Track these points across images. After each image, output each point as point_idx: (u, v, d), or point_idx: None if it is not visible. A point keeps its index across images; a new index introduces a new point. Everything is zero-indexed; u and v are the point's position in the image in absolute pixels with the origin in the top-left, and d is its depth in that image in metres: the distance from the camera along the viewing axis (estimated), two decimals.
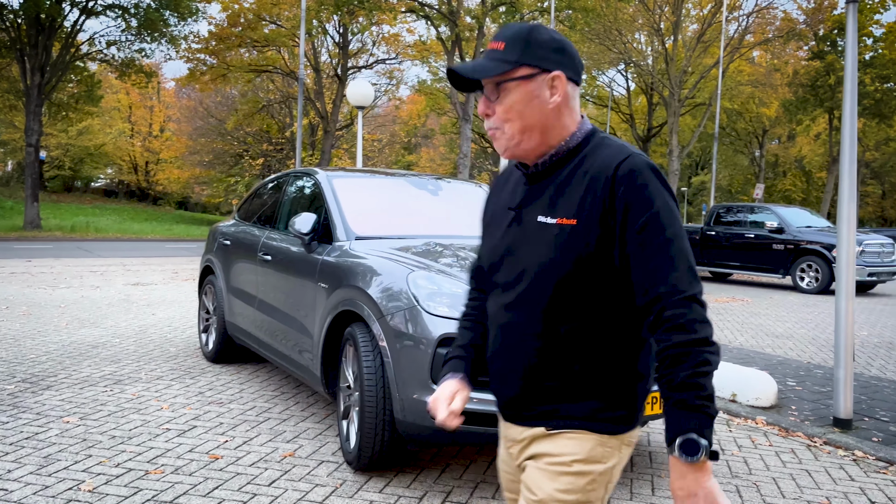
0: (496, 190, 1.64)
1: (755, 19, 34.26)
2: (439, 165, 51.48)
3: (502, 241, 1.51)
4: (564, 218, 1.38)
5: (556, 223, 1.39)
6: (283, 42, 27.30)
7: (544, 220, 1.41)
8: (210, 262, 6.06)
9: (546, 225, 1.41)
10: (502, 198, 1.58)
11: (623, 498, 3.42)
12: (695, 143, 38.27)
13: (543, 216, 1.42)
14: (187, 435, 4.08)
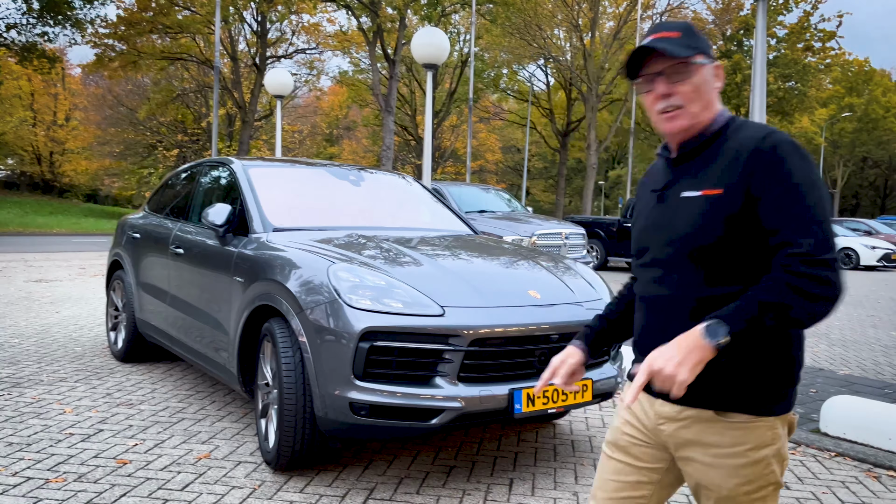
0: (643, 189, 1.74)
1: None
2: (362, 157, 50.98)
3: (647, 222, 1.63)
4: (709, 189, 1.49)
5: (700, 195, 1.50)
6: (197, 29, 26.34)
7: (689, 195, 1.53)
8: (118, 257, 5.74)
9: (691, 198, 1.52)
10: (649, 182, 1.71)
11: (547, 487, 3.43)
12: (612, 138, 39.30)
13: (688, 191, 1.53)
14: (92, 440, 3.84)
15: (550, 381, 1.75)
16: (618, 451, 1.69)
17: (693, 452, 1.53)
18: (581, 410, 4.74)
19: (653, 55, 1.56)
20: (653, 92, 1.57)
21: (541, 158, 58.81)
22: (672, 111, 1.55)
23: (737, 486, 1.48)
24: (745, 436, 1.47)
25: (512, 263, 3.94)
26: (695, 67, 1.54)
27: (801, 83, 36.50)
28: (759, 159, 1.44)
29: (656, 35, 1.56)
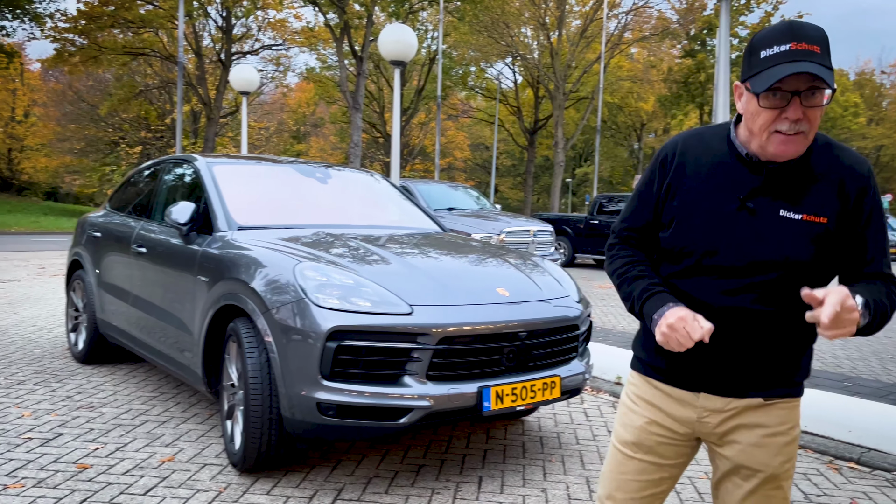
0: (688, 165, 1.63)
1: (633, 17, 35.75)
2: (330, 155, 50.63)
3: (728, 226, 1.56)
4: (813, 215, 1.52)
5: (801, 219, 1.52)
6: (160, 24, 25.89)
7: (789, 216, 1.52)
8: (78, 256, 5.61)
9: (791, 220, 1.52)
10: (709, 177, 1.59)
11: (516, 484, 3.43)
12: (578, 135, 39.62)
13: (787, 211, 1.52)
14: (52, 444, 3.75)
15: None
16: (642, 451, 1.72)
17: (738, 436, 1.63)
18: (549, 407, 4.76)
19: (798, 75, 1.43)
20: (781, 111, 1.47)
21: (509, 156, 59.02)
22: (794, 136, 1.47)
23: (781, 463, 1.62)
24: (789, 415, 1.64)
25: (480, 261, 3.93)
26: (826, 94, 1.47)
27: None
28: (864, 198, 1.54)
29: (798, 45, 1.42)
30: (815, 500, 3.38)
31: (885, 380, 5.78)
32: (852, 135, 52.73)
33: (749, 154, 1.56)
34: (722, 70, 4.82)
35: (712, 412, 1.64)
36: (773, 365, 1.60)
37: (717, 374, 1.61)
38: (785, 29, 1.46)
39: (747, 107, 1.53)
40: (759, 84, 1.46)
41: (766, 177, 1.54)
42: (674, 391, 1.68)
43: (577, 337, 3.66)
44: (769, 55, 1.45)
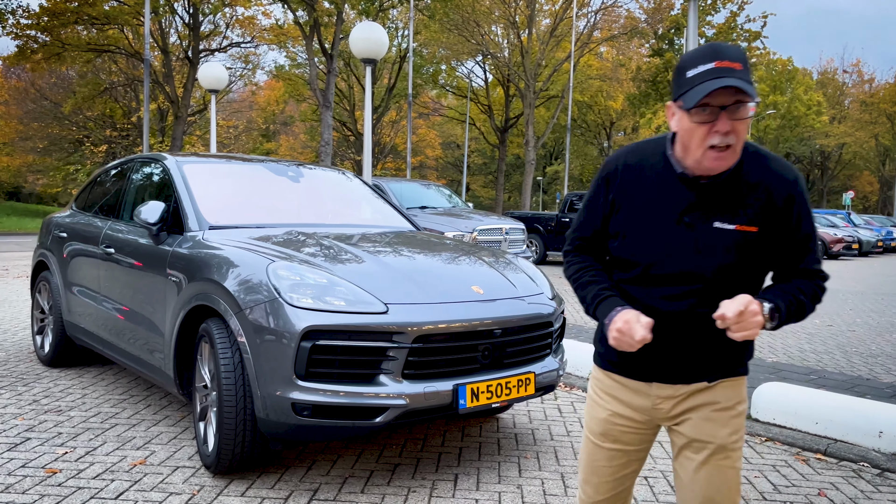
0: (629, 182, 1.75)
1: (602, 16, 36.05)
2: (300, 153, 50.25)
3: (669, 239, 1.68)
4: (745, 225, 1.64)
5: (734, 229, 1.64)
6: (125, 20, 25.44)
7: (722, 227, 1.64)
8: (44, 257, 5.50)
9: (725, 231, 1.64)
10: (649, 195, 1.71)
11: (491, 481, 3.44)
12: (549, 134, 39.85)
13: (721, 223, 1.65)
14: (19, 449, 3.67)
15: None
16: (609, 440, 1.89)
17: (690, 414, 1.78)
18: (524, 404, 4.78)
19: (724, 89, 1.53)
20: (711, 125, 1.56)
21: (480, 154, 59.15)
22: (724, 150, 1.58)
23: (728, 434, 1.76)
24: (734, 392, 1.79)
25: (454, 259, 3.94)
26: (751, 107, 1.56)
27: None
28: (792, 205, 1.66)
29: (721, 63, 1.53)
30: (784, 491, 3.45)
31: (849, 373, 5.92)
32: (816, 133, 53.83)
33: (684, 172, 1.67)
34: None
35: (664, 399, 1.80)
36: (716, 357, 1.76)
37: (665, 366, 1.77)
38: (708, 50, 1.57)
39: (680, 125, 1.62)
40: (689, 100, 1.55)
41: (700, 193, 1.66)
42: (629, 382, 1.83)
43: (551, 334, 3.68)
44: (696, 74, 1.55)
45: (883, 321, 9.03)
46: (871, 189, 64.00)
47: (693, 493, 1.80)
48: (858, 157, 58.75)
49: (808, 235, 1.70)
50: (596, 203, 1.84)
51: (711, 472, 1.76)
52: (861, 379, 5.64)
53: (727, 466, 1.77)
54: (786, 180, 1.67)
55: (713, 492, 1.77)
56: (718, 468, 1.76)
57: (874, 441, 3.94)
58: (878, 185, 62.53)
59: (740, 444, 1.78)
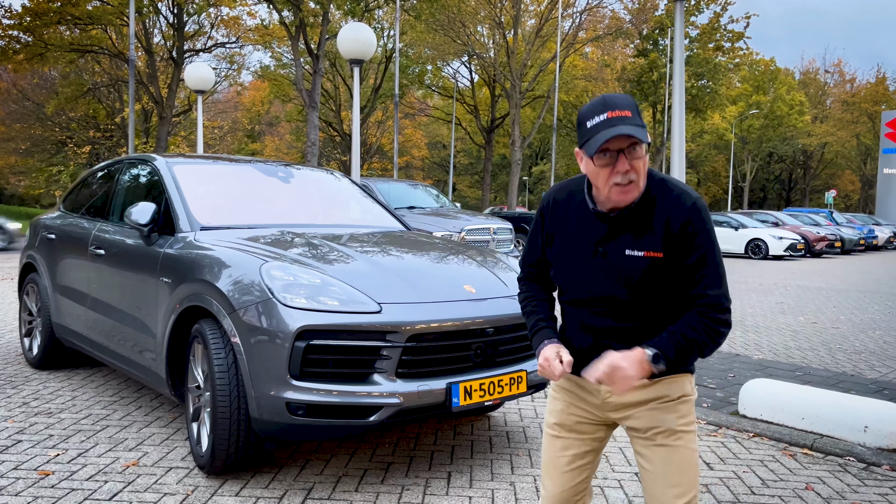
0: (558, 217, 1.98)
1: (587, 17, 36.20)
2: (286, 153, 50.09)
3: (588, 267, 1.89)
4: (651, 251, 1.82)
5: (643, 255, 1.82)
6: (109, 20, 25.23)
7: (633, 254, 1.83)
8: (32, 259, 5.46)
9: (636, 257, 1.83)
10: (573, 228, 1.94)
11: (484, 479, 3.47)
12: (534, 134, 39.97)
13: (631, 250, 1.83)
14: (11, 451, 3.65)
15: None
16: (565, 430, 2.05)
17: (640, 408, 1.93)
18: (514, 403, 4.82)
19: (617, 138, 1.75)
20: (612, 167, 1.78)
21: (466, 154, 59.23)
22: (628, 185, 1.79)
23: (675, 419, 1.92)
24: (675, 386, 1.93)
25: (446, 259, 3.97)
26: (644, 148, 1.79)
27: (713, 82, 38.05)
28: (687, 230, 1.81)
29: (613, 114, 1.76)
30: (772, 485, 3.51)
31: (833, 369, 6.01)
32: (798, 132, 54.37)
33: (595, 208, 1.89)
34: (678, 71, 4.95)
35: (611, 393, 1.95)
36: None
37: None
38: (600, 102, 1.79)
39: (588, 168, 1.84)
40: (590, 149, 1.76)
41: (610, 225, 1.87)
42: (580, 380, 2.01)
43: None
44: (593, 125, 1.77)
45: (866, 318, 9.16)
46: (852, 188, 64.74)
47: (654, 476, 1.92)
48: (840, 157, 59.42)
49: (702, 260, 1.81)
50: (536, 235, 2.07)
51: (666, 453, 1.91)
52: (846, 375, 5.73)
53: (681, 446, 1.91)
54: (683, 207, 1.82)
55: (671, 471, 1.90)
56: (673, 448, 1.91)
57: (859, 436, 4.01)
58: (859, 184, 63.28)
59: (691, 428, 1.93)
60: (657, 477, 1.92)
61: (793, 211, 29.96)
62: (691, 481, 1.91)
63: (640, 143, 1.77)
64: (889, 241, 27.91)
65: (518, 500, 3.25)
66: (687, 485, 1.90)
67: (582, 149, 1.82)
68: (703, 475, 3.61)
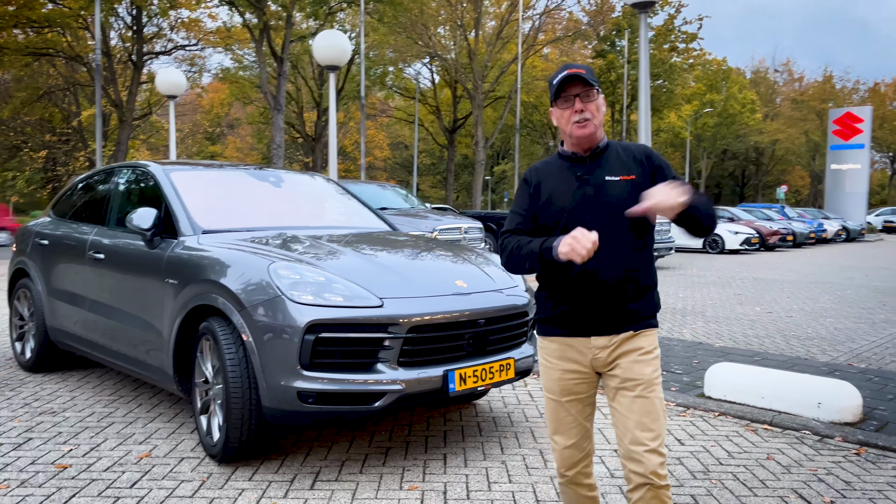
0: (542, 176, 2.39)
1: (546, 19, 36.76)
2: (247, 156, 49.70)
3: (575, 199, 2.29)
4: (625, 175, 2.31)
5: (620, 179, 2.30)
6: (66, 23, 24.87)
7: (612, 179, 2.30)
8: (23, 265, 5.58)
9: (614, 181, 2.30)
10: (555, 176, 2.36)
11: (477, 459, 3.76)
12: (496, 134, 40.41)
13: (609, 176, 2.31)
14: (24, 448, 3.82)
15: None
16: (565, 394, 2.40)
17: (622, 359, 2.31)
18: (497, 391, 5.12)
19: (571, 83, 2.28)
20: (571, 108, 2.29)
21: (429, 154, 59.50)
22: (584, 122, 2.28)
23: (651, 371, 2.30)
24: (651, 340, 2.35)
25: (436, 256, 4.24)
26: (597, 94, 2.31)
27: (669, 81, 39.01)
28: (651, 159, 2.36)
29: (571, 70, 2.28)
30: (737, 456, 3.87)
31: (789, 354, 6.45)
32: (750, 130, 55.89)
33: (574, 153, 2.37)
34: (643, 73, 5.31)
35: (602, 348, 2.32)
36: (634, 307, 2.31)
37: (600, 320, 2.31)
38: (562, 67, 2.33)
39: (557, 118, 2.35)
40: (553, 95, 2.32)
41: (589, 160, 2.34)
42: (572, 341, 2.36)
43: (526, 323, 4.02)
44: (557, 81, 2.29)
45: (817, 307, 9.70)
46: (802, 183, 66.82)
47: (631, 421, 2.26)
48: (790, 153, 61.28)
49: (674, 174, 2.33)
50: (522, 197, 2.43)
51: (643, 402, 2.27)
52: (800, 359, 6.16)
53: (654, 396, 2.28)
54: (640, 149, 2.39)
55: (645, 416, 2.26)
56: (648, 399, 2.27)
57: (814, 411, 4.41)
58: (808, 180, 65.31)
59: (660, 380, 2.33)
60: (634, 423, 2.25)
61: (747, 206, 30.89)
62: (661, 425, 2.28)
63: (591, 89, 2.28)
64: (837, 234, 29.02)
65: (511, 475, 3.55)
66: (659, 428, 2.27)
67: (552, 104, 2.34)
68: (676, 450, 3.96)
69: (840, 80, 65.47)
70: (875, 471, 3.68)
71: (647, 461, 2.23)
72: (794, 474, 3.62)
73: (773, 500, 3.31)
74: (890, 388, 5.11)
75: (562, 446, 2.43)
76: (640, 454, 2.23)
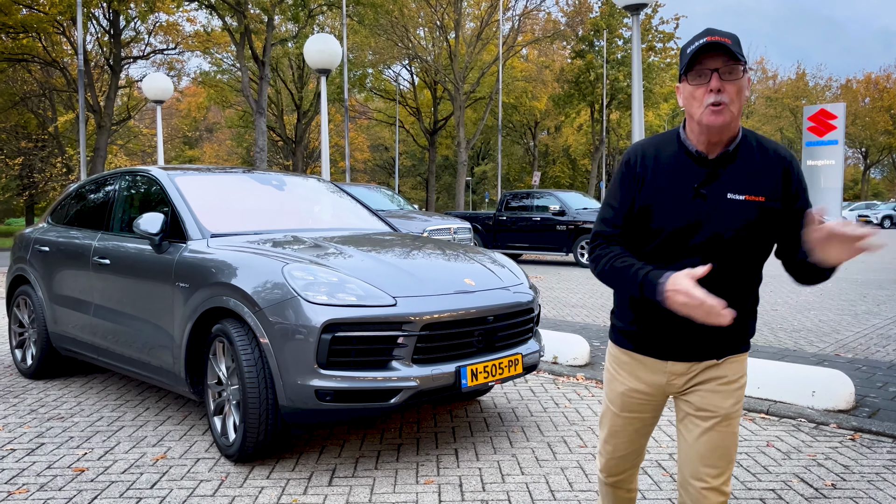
0: (648, 163, 1.93)
1: (525, 20, 37.00)
2: (226, 160, 49.40)
3: (683, 217, 1.87)
4: (753, 195, 1.86)
5: (745, 199, 1.86)
6: (43, 28, 24.61)
7: (734, 197, 1.86)
8: (23, 272, 5.57)
9: (736, 201, 1.86)
10: (665, 173, 1.90)
11: (488, 453, 3.85)
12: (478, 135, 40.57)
13: (733, 194, 1.86)
14: (38, 453, 3.84)
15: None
16: (626, 410, 2.12)
17: (700, 387, 1.99)
18: (500, 388, 5.22)
19: (710, 53, 1.78)
20: (706, 85, 1.79)
21: (409, 156, 59.54)
22: (720, 106, 1.78)
23: (732, 405, 1.99)
24: (738, 367, 2.01)
25: (444, 256, 4.33)
26: (742, 72, 1.80)
27: (647, 80, 39.38)
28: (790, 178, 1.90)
29: (713, 38, 1.77)
30: (738, 444, 4.00)
31: (777, 346, 6.62)
32: None
33: (697, 151, 1.88)
34: (636, 76, 5.44)
35: (678, 375, 2.00)
36: (726, 334, 1.94)
37: (681, 346, 1.97)
38: (703, 31, 1.83)
39: (685, 97, 1.85)
40: (685, 67, 1.82)
41: (712, 168, 1.87)
42: (646, 360, 2.03)
43: (532, 319, 4.12)
44: (693, 49, 1.80)
45: (801, 300, 9.92)
46: None
47: (697, 453, 1.98)
48: None
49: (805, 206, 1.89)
50: (622, 184, 1.97)
51: (714, 436, 1.96)
52: (789, 350, 6.33)
53: (729, 432, 1.97)
54: (782, 157, 1.90)
55: (714, 453, 1.97)
56: (721, 434, 1.96)
57: (809, 400, 4.56)
58: None
59: (740, 411, 2.00)
60: (699, 456, 1.98)
61: None
62: (729, 462, 1.99)
63: (736, 65, 1.77)
64: None
65: (522, 468, 3.64)
66: (725, 466, 1.98)
67: (681, 79, 1.85)
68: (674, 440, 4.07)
69: (813, 77, 66.64)
70: (871, 455, 3.83)
71: (704, 500, 1.98)
72: (794, 460, 3.75)
73: (777, 484, 3.43)
74: (878, 377, 5.28)
75: (610, 455, 2.20)
76: (698, 491, 1.98)
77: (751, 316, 2.01)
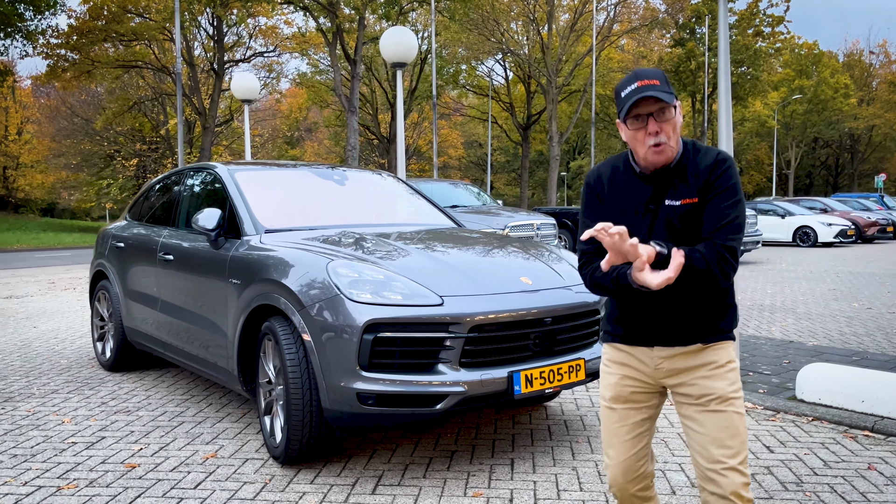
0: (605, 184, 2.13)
1: (621, 9, 35.88)
2: (325, 158, 50.75)
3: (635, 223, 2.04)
4: (688, 198, 2.01)
5: (680, 203, 2.02)
6: (152, 35, 25.98)
7: (671, 203, 2.02)
8: (102, 267, 5.74)
9: (673, 206, 2.02)
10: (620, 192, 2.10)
11: (546, 465, 3.58)
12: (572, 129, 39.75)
13: (670, 200, 2.03)
14: (97, 447, 3.88)
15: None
16: (621, 401, 2.18)
17: (692, 375, 2.08)
18: (569, 393, 4.91)
19: (644, 99, 1.95)
20: (644, 129, 1.98)
21: (503, 152, 59.18)
22: (659, 146, 1.98)
23: (727, 385, 2.05)
24: (724, 353, 2.08)
25: (501, 252, 4.08)
26: (674, 110, 1.99)
27: (753, 68, 37.36)
28: (717, 178, 1.99)
29: (642, 82, 1.96)
30: (834, 466, 3.53)
31: (891, 353, 5.95)
32: (844, 116, 52.96)
33: (641, 171, 2.07)
34: (723, 60, 4.99)
35: (664, 359, 2.10)
36: (702, 319, 2.06)
37: (662, 329, 2.08)
38: (631, 75, 2.00)
39: (628, 137, 2.04)
40: (623, 114, 1.99)
41: (655, 185, 2.06)
42: (634, 349, 2.15)
43: (597, 321, 3.80)
44: (625, 94, 1.97)
45: None
46: None
47: (707, 438, 2.03)
48: (889, 139, 57.66)
49: (727, 207, 1.97)
50: (590, 206, 2.16)
51: (721, 417, 2.02)
52: None
53: (731, 411, 2.03)
54: (711, 157, 2.03)
55: (722, 433, 2.02)
56: (726, 414, 2.02)
57: None
58: None
59: (740, 395, 2.05)
60: (710, 440, 2.02)
61: (842, 196, 29.27)
62: (742, 443, 2.02)
63: (667, 106, 1.96)
64: None
65: (581, 483, 3.34)
66: (739, 446, 2.01)
67: (619, 118, 2.03)
68: (764, 458, 3.66)
69: None
70: None
71: (727, 481, 1.98)
72: None
73: None
74: None
75: (614, 461, 2.19)
76: (718, 472, 1.99)
77: (726, 299, 2.10)
